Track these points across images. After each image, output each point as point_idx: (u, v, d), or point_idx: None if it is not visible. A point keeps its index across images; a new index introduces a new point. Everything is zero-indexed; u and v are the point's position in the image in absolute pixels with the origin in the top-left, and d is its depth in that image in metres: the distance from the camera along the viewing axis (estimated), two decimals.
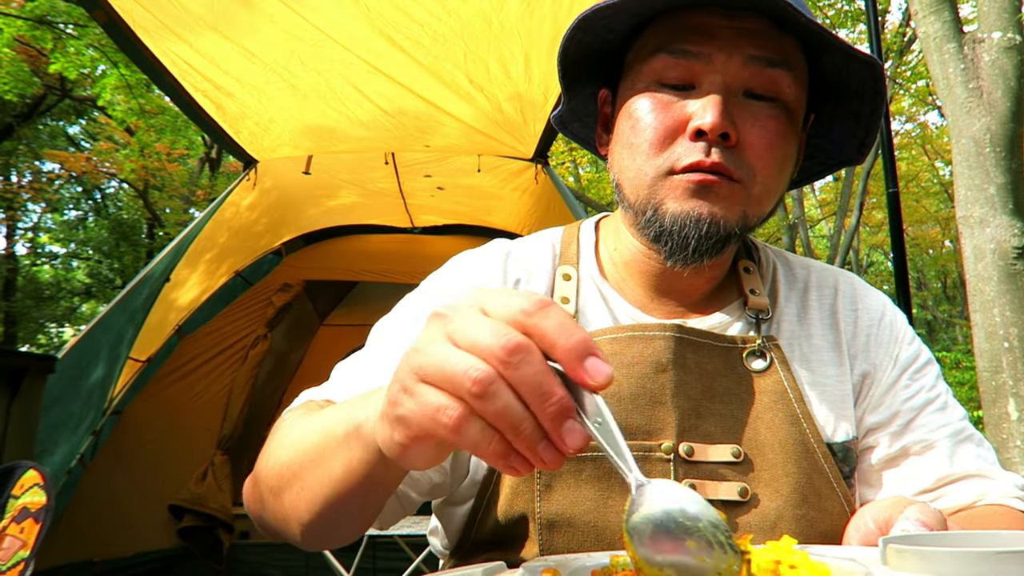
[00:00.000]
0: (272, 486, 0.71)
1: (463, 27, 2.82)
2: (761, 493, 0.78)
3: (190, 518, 4.19)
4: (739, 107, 0.78)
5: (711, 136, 0.76)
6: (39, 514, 1.68)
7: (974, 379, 4.83)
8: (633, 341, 0.81)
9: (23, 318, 15.22)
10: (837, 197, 13.57)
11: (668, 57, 0.79)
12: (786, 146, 0.80)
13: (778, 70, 0.78)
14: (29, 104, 12.55)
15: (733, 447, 0.79)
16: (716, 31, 0.78)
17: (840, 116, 0.88)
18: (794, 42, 0.80)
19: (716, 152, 0.76)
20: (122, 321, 3.72)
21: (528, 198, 4.08)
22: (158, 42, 2.88)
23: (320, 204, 4.44)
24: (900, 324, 0.91)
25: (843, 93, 0.85)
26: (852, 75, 0.81)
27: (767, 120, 0.78)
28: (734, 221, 0.78)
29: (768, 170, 0.79)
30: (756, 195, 0.79)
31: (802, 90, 0.82)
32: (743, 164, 0.78)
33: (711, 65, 0.78)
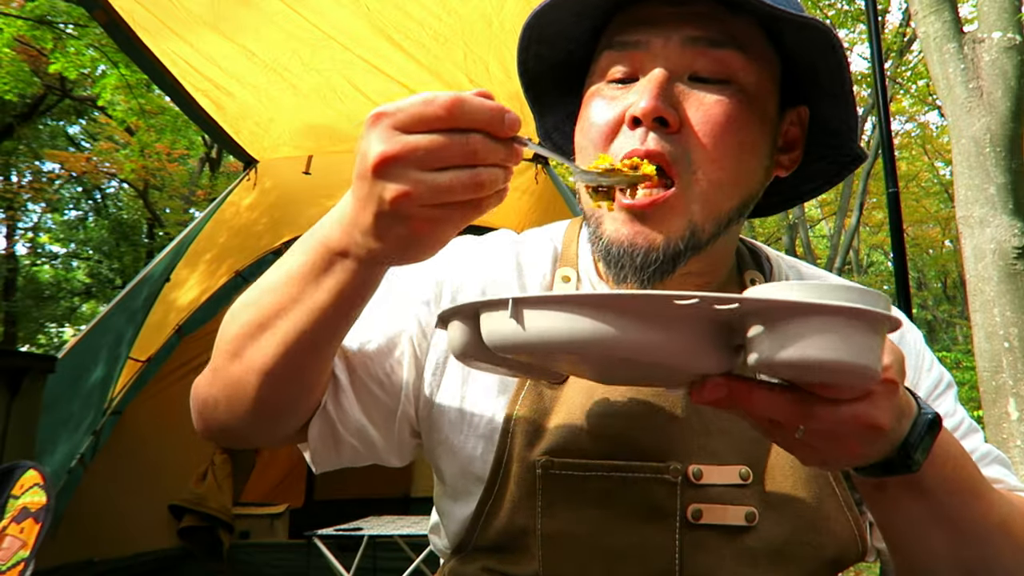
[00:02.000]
0: (230, 350, 0.71)
1: (463, 27, 2.82)
2: (768, 517, 0.75)
3: (190, 518, 4.19)
4: (684, 91, 0.72)
5: (646, 121, 0.70)
6: (39, 514, 1.69)
7: (974, 379, 4.84)
8: None
9: (23, 318, 15.23)
10: (837, 197, 13.57)
11: (612, 52, 0.76)
12: (740, 131, 0.72)
13: (724, 50, 0.73)
14: (29, 104, 12.55)
15: (742, 468, 0.75)
16: (656, 18, 0.74)
17: (829, 105, 0.82)
18: (750, 24, 0.75)
19: (653, 138, 0.71)
20: (122, 321, 3.72)
21: (528, 198, 4.08)
22: (158, 42, 2.89)
23: (320, 204, 4.44)
24: (920, 348, 0.87)
25: (818, 75, 0.79)
26: (814, 52, 0.75)
27: (714, 104, 0.72)
28: (677, 237, 0.72)
29: (714, 159, 0.71)
30: (702, 193, 0.72)
31: (764, 74, 0.76)
32: (685, 152, 0.71)
33: (650, 52, 0.74)
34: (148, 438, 3.99)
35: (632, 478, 0.75)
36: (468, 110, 0.55)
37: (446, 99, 0.55)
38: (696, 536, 0.74)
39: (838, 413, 0.51)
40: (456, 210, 0.58)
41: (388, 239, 0.59)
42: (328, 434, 0.80)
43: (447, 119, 0.55)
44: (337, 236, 0.63)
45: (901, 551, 0.70)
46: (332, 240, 0.64)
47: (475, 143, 0.56)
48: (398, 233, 0.58)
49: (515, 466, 0.77)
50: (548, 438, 0.76)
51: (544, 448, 0.76)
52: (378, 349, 0.81)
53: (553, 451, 0.75)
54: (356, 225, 0.60)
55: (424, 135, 0.55)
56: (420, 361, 0.82)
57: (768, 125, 0.77)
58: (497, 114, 0.56)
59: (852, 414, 0.52)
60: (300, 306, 0.66)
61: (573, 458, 0.75)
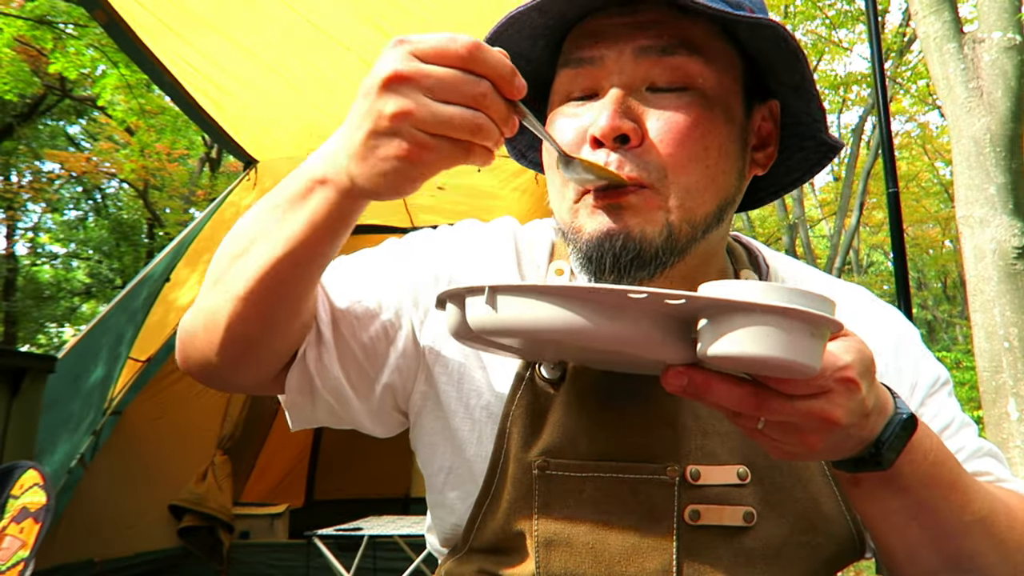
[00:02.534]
0: (214, 276, 0.73)
1: (465, 27, 2.81)
2: (767, 517, 0.75)
3: (190, 518, 4.19)
4: (643, 103, 0.72)
5: (607, 141, 0.70)
6: (39, 514, 1.69)
7: (974, 379, 4.83)
8: None
9: (23, 318, 15.23)
10: (837, 197, 13.57)
11: (568, 70, 0.75)
12: (705, 136, 0.72)
13: (679, 56, 0.71)
14: (29, 104, 12.56)
15: (740, 468, 0.75)
16: (606, 31, 0.73)
17: (794, 99, 0.81)
18: (704, 26, 0.73)
19: (616, 158, 0.70)
20: (122, 321, 3.73)
21: (528, 198, 4.08)
22: (158, 42, 2.89)
23: None
24: (917, 348, 0.87)
25: (778, 71, 0.78)
26: (769, 48, 0.74)
27: (675, 111, 0.71)
28: (654, 233, 0.71)
29: (682, 166, 0.71)
30: (677, 197, 0.72)
31: (725, 75, 0.74)
32: (651, 165, 0.71)
33: (604, 67, 0.73)
34: (148, 438, 3.99)
35: (629, 479, 0.74)
36: (487, 57, 0.57)
37: (468, 40, 0.57)
38: (694, 537, 0.74)
39: (793, 407, 0.54)
40: (445, 146, 0.58)
41: (370, 162, 0.60)
42: (306, 386, 0.79)
43: (466, 59, 0.57)
44: (320, 164, 0.65)
45: (880, 542, 0.72)
46: (314, 168, 0.65)
47: (484, 89, 0.57)
48: (383, 154, 0.59)
49: (511, 467, 0.76)
50: (544, 439, 0.76)
51: (540, 449, 0.76)
52: (366, 312, 0.80)
53: (549, 452, 0.75)
54: (343, 147, 0.61)
55: (439, 67, 0.57)
56: (415, 337, 0.81)
57: (735, 125, 0.75)
58: (510, 71, 0.58)
59: (807, 409, 0.54)
60: (274, 234, 0.67)
61: (569, 459, 0.75)
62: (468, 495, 0.80)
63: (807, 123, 0.83)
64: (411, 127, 0.57)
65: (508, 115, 0.60)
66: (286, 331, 0.75)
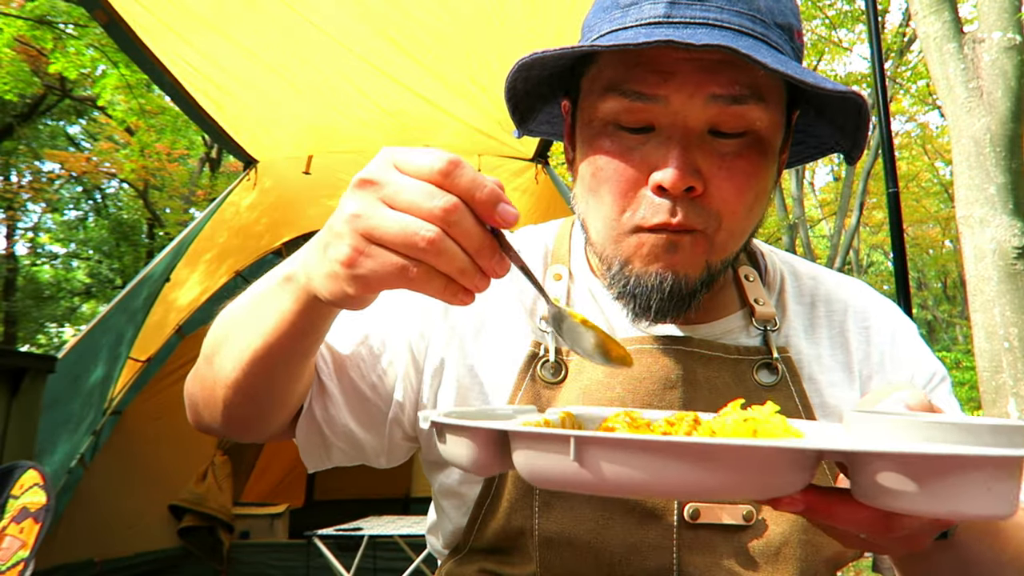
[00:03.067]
0: (206, 354, 0.75)
1: (464, 27, 2.82)
2: (767, 516, 0.76)
3: (190, 518, 4.19)
4: (704, 148, 0.71)
5: (673, 192, 0.70)
6: (39, 514, 1.68)
7: (974, 379, 4.83)
8: (641, 355, 0.78)
9: (23, 318, 15.23)
10: (837, 197, 13.58)
11: (623, 99, 0.72)
12: (759, 184, 0.74)
13: (743, 106, 0.70)
14: (29, 104, 12.56)
15: None
16: (672, 67, 0.69)
17: (824, 124, 0.83)
18: None
19: (680, 211, 0.71)
20: (122, 321, 3.72)
21: (528, 198, 4.08)
22: (158, 42, 2.88)
23: (320, 204, 4.44)
24: (914, 341, 0.88)
25: (827, 109, 0.80)
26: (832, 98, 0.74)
27: (735, 160, 0.72)
28: (697, 276, 0.74)
29: (735, 214, 0.73)
30: (720, 242, 0.74)
31: (777, 111, 0.74)
32: (710, 214, 0.72)
33: (669, 107, 0.70)
34: (148, 438, 3.99)
35: None
36: (462, 174, 0.53)
37: (447, 156, 0.53)
38: (694, 536, 0.74)
39: (922, 523, 0.50)
40: (389, 260, 0.53)
41: (321, 262, 0.58)
42: (316, 437, 0.81)
43: (438, 172, 0.53)
44: (291, 261, 0.65)
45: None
46: (286, 264, 0.66)
47: (449, 205, 0.52)
48: (331, 255, 0.56)
49: None
50: None
51: None
52: (372, 353, 0.82)
53: None
54: (311, 245, 0.61)
55: (407, 176, 0.53)
56: (419, 365, 0.82)
57: (775, 157, 0.77)
58: (489, 194, 0.53)
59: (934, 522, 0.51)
60: (251, 326, 0.68)
61: None
62: (471, 496, 0.80)
63: (824, 136, 0.85)
64: (358, 230, 0.53)
65: (483, 243, 0.54)
66: (282, 405, 0.77)
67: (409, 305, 0.84)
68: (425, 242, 0.52)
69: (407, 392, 0.82)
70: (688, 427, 0.56)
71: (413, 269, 0.53)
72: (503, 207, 0.54)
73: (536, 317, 0.84)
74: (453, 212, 0.52)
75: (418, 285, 0.54)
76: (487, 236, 0.54)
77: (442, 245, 0.52)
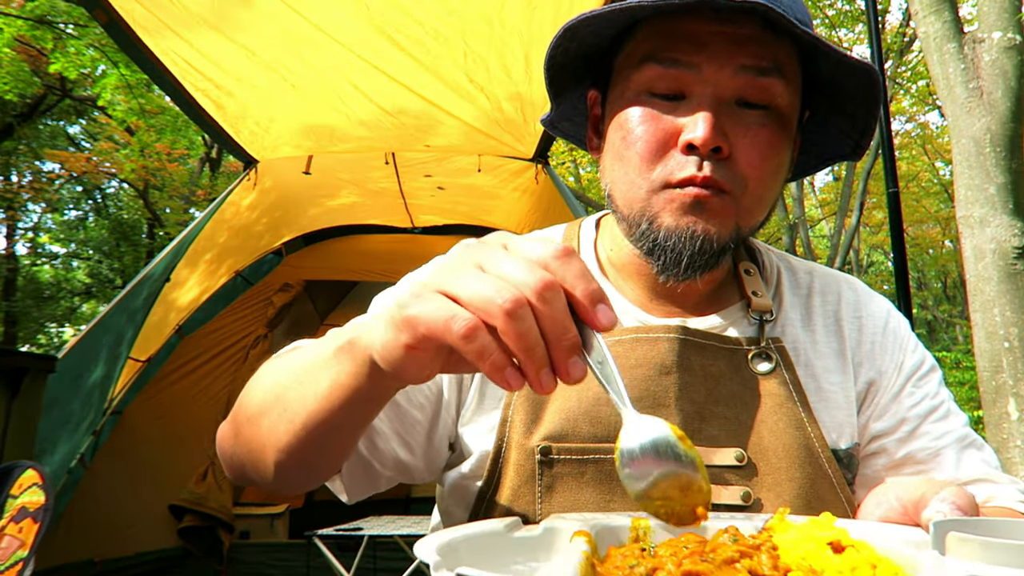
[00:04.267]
0: (251, 414, 0.73)
1: (464, 26, 2.82)
2: (764, 498, 0.78)
3: (190, 518, 4.19)
4: (731, 117, 0.76)
5: (703, 150, 0.74)
6: (37, 514, 1.68)
7: (974, 379, 4.83)
8: (637, 343, 0.81)
9: (23, 318, 15.22)
10: (837, 197, 13.57)
11: (657, 67, 0.77)
12: (779, 154, 0.79)
13: (770, 78, 0.76)
14: (29, 104, 12.55)
15: (737, 451, 0.78)
16: (706, 39, 0.75)
17: (835, 115, 0.87)
18: (788, 46, 0.78)
19: (708, 166, 0.75)
20: (122, 321, 3.72)
21: (528, 198, 4.08)
22: (158, 42, 2.88)
23: (320, 204, 4.44)
24: (904, 331, 0.90)
25: (838, 95, 0.84)
26: (847, 79, 0.80)
27: (759, 130, 0.77)
28: (727, 235, 0.77)
29: (760, 180, 0.78)
30: (747, 206, 0.78)
31: (795, 94, 0.80)
32: (736, 176, 0.76)
33: (701, 76, 0.76)
34: (148, 438, 3.99)
35: None
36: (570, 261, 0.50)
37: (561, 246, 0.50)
38: None
39: None
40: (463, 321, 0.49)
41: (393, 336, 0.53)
42: (361, 473, 0.81)
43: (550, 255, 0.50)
44: (352, 327, 0.64)
45: None
46: (346, 330, 0.65)
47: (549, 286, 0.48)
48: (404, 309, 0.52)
49: (513, 453, 0.79)
50: (546, 424, 0.78)
51: (542, 434, 0.78)
52: None
53: (551, 437, 0.78)
54: (378, 317, 0.58)
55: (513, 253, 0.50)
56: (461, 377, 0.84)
57: (792, 139, 0.82)
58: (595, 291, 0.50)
59: None
60: (307, 391, 0.66)
61: (571, 443, 0.77)
62: (475, 491, 0.82)
63: (832, 136, 0.88)
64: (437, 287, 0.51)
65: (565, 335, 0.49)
66: (337, 465, 0.76)
67: None
68: (507, 303, 0.47)
69: (452, 403, 0.84)
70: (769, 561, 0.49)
71: (463, 318, 0.48)
72: (604, 308, 0.50)
73: None
74: (548, 289, 0.48)
75: (470, 345, 0.48)
76: (573, 332, 0.49)
77: (521, 313, 0.47)
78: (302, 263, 4.56)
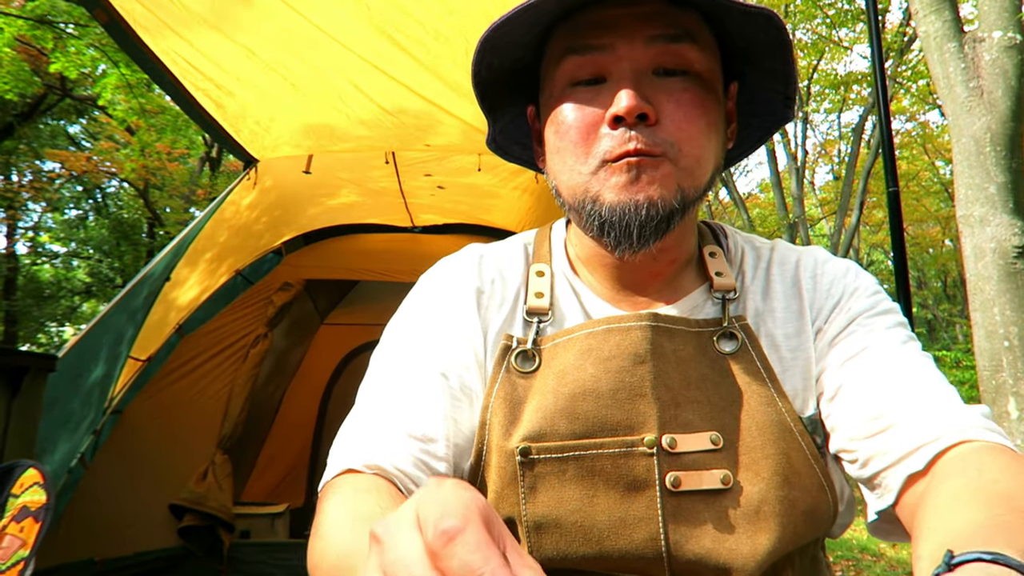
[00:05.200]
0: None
1: (464, 26, 2.82)
2: (743, 478, 0.78)
3: (190, 517, 4.19)
4: (652, 86, 0.79)
5: (629, 119, 0.76)
6: (39, 513, 1.69)
7: (974, 378, 4.83)
8: (609, 334, 0.81)
9: (24, 317, 15.22)
10: (837, 196, 13.58)
11: (576, 56, 0.81)
12: (706, 115, 0.80)
13: (682, 44, 0.79)
14: (30, 103, 12.55)
15: (712, 434, 0.79)
16: (615, 21, 0.79)
17: (762, 78, 0.89)
18: (695, 15, 0.81)
19: (637, 136, 0.77)
20: (122, 320, 3.72)
21: (528, 197, 4.08)
22: (159, 41, 2.88)
23: (320, 203, 4.44)
24: (864, 279, 0.89)
25: (753, 54, 0.86)
26: (757, 34, 0.82)
27: (682, 93, 0.79)
28: (671, 198, 0.78)
29: (692, 140, 0.79)
30: (686, 167, 0.79)
31: (713, 60, 0.82)
32: (666, 140, 0.78)
33: (616, 54, 0.79)
34: (148, 437, 3.99)
35: (610, 454, 0.77)
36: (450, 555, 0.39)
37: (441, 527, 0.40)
38: (677, 503, 0.76)
39: None
40: None
41: None
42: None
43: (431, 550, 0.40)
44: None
45: None
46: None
47: None
48: None
49: (494, 456, 0.80)
50: (524, 425, 0.79)
51: (521, 435, 0.78)
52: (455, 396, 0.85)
53: (530, 437, 0.78)
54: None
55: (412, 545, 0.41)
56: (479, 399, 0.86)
57: (720, 105, 0.84)
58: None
59: None
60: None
61: (550, 441, 0.78)
62: None
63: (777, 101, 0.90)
64: None
65: None
66: None
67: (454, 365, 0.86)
68: None
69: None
70: None
71: None
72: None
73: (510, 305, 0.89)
74: None
75: None
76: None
77: None
78: (302, 262, 4.56)
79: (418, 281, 0.96)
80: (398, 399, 0.82)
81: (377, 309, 5.53)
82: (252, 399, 4.56)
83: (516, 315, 0.88)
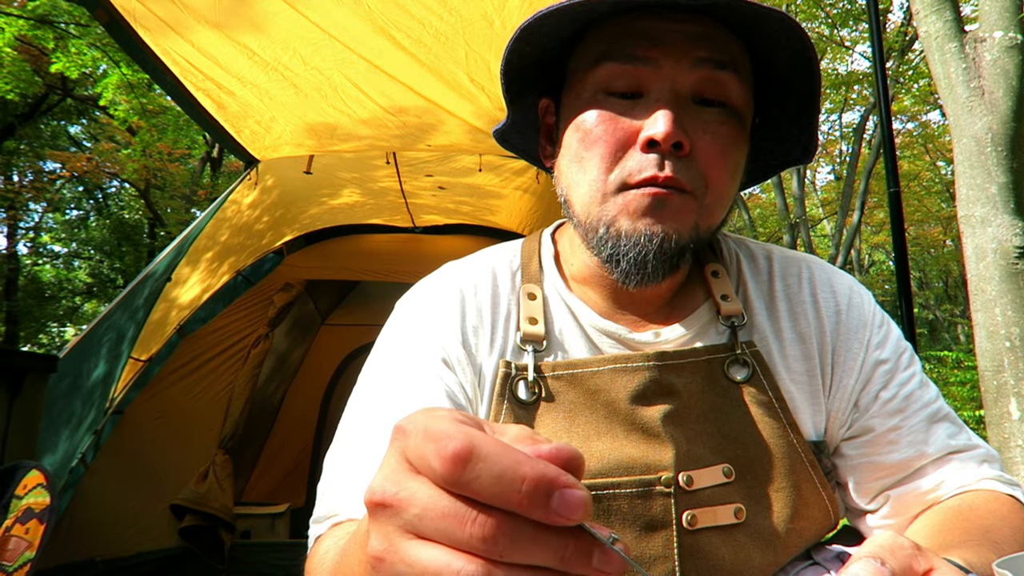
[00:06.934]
0: None
1: (464, 26, 2.82)
2: (755, 511, 0.77)
3: (191, 518, 4.19)
4: (689, 114, 0.75)
5: (664, 146, 0.73)
6: (43, 515, 1.69)
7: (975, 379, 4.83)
8: (617, 375, 0.79)
9: (25, 317, 15.23)
10: (838, 196, 13.56)
11: (615, 64, 0.76)
12: (737, 152, 0.78)
13: (726, 72, 0.75)
14: (31, 104, 12.55)
15: (724, 466, 0.77)
16: (662, 36, 0.75)
17: (786, 119, 0.86)
18: (739, 44, 0.78)
19: (669, 165, 0.73)
20: (123, 320, 3.73)
21: (530, 197, 4.08)
22: (159, 41, 2.89)
23: (321, 203, 4.44)
24: (868, 306, 0.88)
25: (788, 96, 0.83)
26: (795, 76, 0.79)
27: (718, 127, 0.76)
28: (687, 235, 0.75)
29: (720, 179, 0.76)
30: (708, 205, 0.76)
31: (748, 93, 0.80)
32: (697, 174, 0.75)
33: (659, 70, 0.75)
34: (149, 438, 3.99)
35: (627, 494, 0.75)
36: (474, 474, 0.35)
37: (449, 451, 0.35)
38: (694, 540, 0.75)
39: None
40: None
41: None
42: None
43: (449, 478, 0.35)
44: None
45: None
46: None
47: (491, 537, 0.35)
48: None
49: None
50: None
51: None
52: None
53: None
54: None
55: (424, 487, 0.37)
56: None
57: (746, 139, 0.81)
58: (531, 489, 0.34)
59: None
60: None
61: None
62: None
63: (795, 144, 0.88)
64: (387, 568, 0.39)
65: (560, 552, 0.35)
66: None
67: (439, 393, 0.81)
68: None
69: None
70: None
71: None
72: (560, 496, 0.34)
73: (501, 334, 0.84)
74: (493, 540, 0.35)
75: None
76: (561, 541, 0.35)
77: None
78: (303, 263, 4.56)
79: (396, 308, 0.91)
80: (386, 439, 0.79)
81: (378, 310, 5.52)
82: (253, 399, 4.56)
83: (508, 343, 0.84)
